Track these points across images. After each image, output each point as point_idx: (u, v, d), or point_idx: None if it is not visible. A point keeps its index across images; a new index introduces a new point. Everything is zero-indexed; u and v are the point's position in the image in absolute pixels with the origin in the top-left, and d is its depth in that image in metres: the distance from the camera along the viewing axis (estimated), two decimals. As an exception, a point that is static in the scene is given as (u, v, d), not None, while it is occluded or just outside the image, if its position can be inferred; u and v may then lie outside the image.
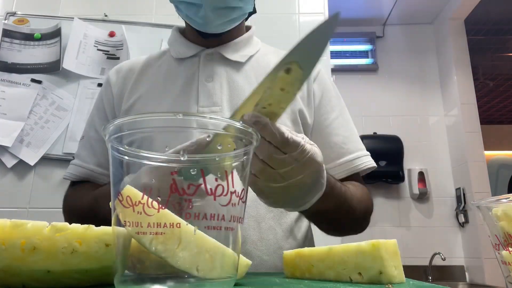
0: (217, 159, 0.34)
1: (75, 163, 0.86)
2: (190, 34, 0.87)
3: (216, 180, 0.32)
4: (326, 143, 0.82)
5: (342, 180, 0.78)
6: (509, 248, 0.38)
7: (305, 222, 0.83)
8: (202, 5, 0.74)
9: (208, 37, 0.83)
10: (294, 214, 0.81)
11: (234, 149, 0.35)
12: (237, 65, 0.85)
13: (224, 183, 0.32)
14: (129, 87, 0.85)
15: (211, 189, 0.31)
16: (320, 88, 0.87)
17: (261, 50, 0.90)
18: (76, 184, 0.88)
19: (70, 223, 0.34)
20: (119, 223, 0.31)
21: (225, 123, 0.34)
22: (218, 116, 0.33)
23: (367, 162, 0.82)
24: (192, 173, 0.32)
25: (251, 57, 0.87)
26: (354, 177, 0.82)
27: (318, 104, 0.85)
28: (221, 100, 0.80)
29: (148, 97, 0.82)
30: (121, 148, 0.33)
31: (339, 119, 0.85)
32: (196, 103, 0.79)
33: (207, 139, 0.35)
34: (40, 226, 0.33)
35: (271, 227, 0.75)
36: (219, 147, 0.35)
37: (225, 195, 0.32)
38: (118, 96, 0.85)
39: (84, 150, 0.85)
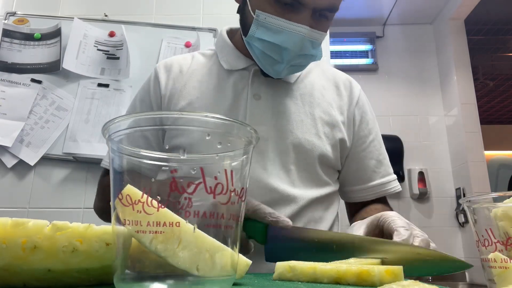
0: (216, 157, 0.34)
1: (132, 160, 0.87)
2: (240, 43, 0.85)
3: (216, 178, 0.32)
4: (361, 165, 0.88)
5: (372, 201, 0.87)
6: (509, 248, 0.39)
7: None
8: (282, 63, 0.76)
9: None
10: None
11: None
12: (285, 85, 0.86)
13: (224, 182, 0.32)
14: (178, 91, 0.85)
15: (210, 187, 0.31)
16: (359, 112, 0.90)
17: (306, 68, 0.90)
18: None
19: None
20: (119, 222, 0.31)
21: (225, 122, 0.34)
22: (217, 115, 0.33)
23: (395, 186, 0.89)
24: (192, 172, 0.32)
25: (298, 77, 0.88)
26: (381, 198, 0.89)
27: (358, 128, 0.89)
28: (268, 121, 0.82)
29: (198, 106, 0.82)
30: (122, 147, 0.33)
31: (375, 142, 0.90)
32: (244, 119, 0.80)
33: (207, 138, 0.35)
34: (41, 225, 0.33)
35: None
36: (218, 146, 0.35)
37: (225, 193, 0.32)
38: (167, 97, 0.85)
39: None
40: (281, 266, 0.49)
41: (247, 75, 0.84)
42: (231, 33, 0.92)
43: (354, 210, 0.90)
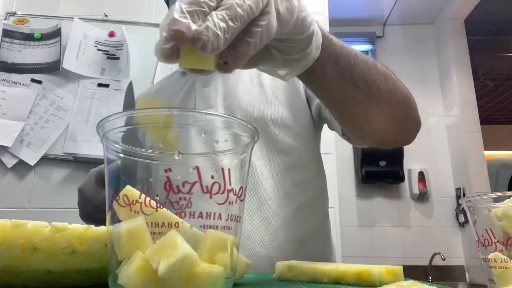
0: (213, 155, 0.33)
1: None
2: None
3: (213, 177, 0.31)
4: None
5: None
6: (509, 248, 0.39)
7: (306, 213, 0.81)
8: None
9: None
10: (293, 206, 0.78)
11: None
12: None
13: (221, 181, 0.31)
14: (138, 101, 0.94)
15: (206, 187, 0.31)
16: None
17: None
18: None
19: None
20: (114, 223, 0.31)
21: (223, 118, 0.33)
22: (215, 112, 0.32)
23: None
24: (191, 171, 0.31)
25: None
26: None
27: None
28: (216, 102, 0.82)
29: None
30: (116, 145, 0.33)
31: None
32: (194, 108, 0.82)
33: (202, 136, 0.34)
34: (40, 226, 0.33)
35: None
36: (215, 144, 0.34)
37: (222, 193, 0.31)
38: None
39: None
40: (281, 266, 0.48)
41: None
42: None
43: None
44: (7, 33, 1.66)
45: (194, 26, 0.33)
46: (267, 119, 0.79)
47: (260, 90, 0.83)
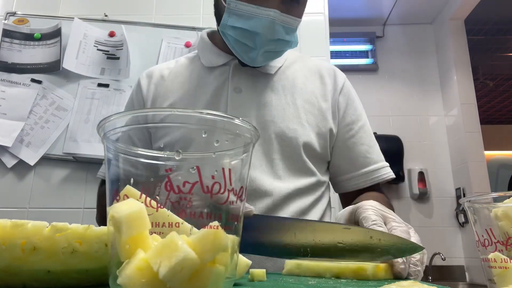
0: (213, 155, 0.33)
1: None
2: (220, 41, 0.87)
3: (213, 177, 0.31)
4: (351, 152, 0.86)
5: (365, 189, 0.84)
6: (509, 248, 0.39)
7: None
8: (256, 49, 0.77)
9: None
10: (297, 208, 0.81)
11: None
12: (266, 77, 0.86)
13: (222, 181, 0.31)
14: (161, 95, 0.87)
15: (207, 186, 0.31)
16: (344, 99, 0.89)
17: (288, 59, 0.91)
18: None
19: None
20: None
21: (223, 119, 0.33)
22: (214, 112, 0.32)
23: (388, 173, 0.87)
24: (191, 171, 0.31)
25: (279, 68, 0.88)
26: (374, 186, 0.86)
27: (343, 115, 0.88)
28: (249, 112, 0.82)
29: (180, 106, 0.83)
30: (117, 145, 0.33)
31: (364, 128, 0.89)
32: (225, 113, 0.81)
33: (203, 135, 0.34)
34: (40, 226, 0.33)
35: None
36: (216, 144, 0.34)
37: (222, 193, 0.31)
38: (149, 101, 0.87)
39: None
40: (290, 264, 0.56)
41: (228, 70, 0.86)
42: (212, 34, 0.94)
43: (349, 200, 0.87)
44: (7, 33, 1.66)
45: None
46: (299, 140, 0.81)
47: (294, 109, 0.84)
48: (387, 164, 0.88)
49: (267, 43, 0.76)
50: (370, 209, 0.59)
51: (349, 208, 0.66)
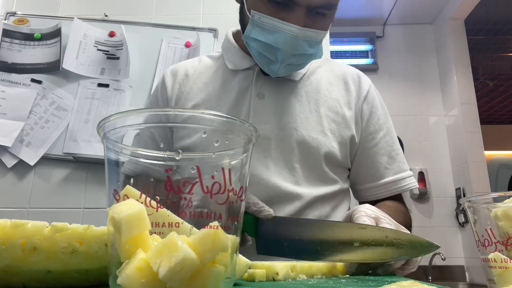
0: (213, 155, 0.33)
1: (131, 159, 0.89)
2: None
3: (213, 177, 0.31)
4: (372, 162, 0.86)
5: (385, 198, 0.84)
6: (509, 248, 0.39)
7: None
8: (277, 62, 0.76)
9: None
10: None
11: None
12: (290, 83, 0.86)
13: (221, 181, 0.31)
14: (185, 93, 0.86)
15: (207, 187, 0.31)
16: (368, 107, 0.88)
17: (313, 63, 0.90)
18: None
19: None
20: None
21: (223, 119, 0.33)
22: (213, 112, 0.32)
23: (410, 183, 0.86)
24: (192, 171, 0.31)
25: (304, 74, 0.87)
26: (395, 196, 0.86)
27: (366, 123, 0.87)
28: (271, 118, 0.81)
29: (204, 107, 0.83)
30: (117, 145, 0.33)
31: (386, 138, 0.88)
32: (247, 118, 0.80)
33: (203, 136, 0.34)
34: (40, 226, 0.33)
35: None
36: (216, 144, 0.34)
37: (222, 193, 0.31)
38: (173, 99, 0.87)
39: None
40: (285, 267, 0.54)
41: (252, 75, 0.85)
42: (237, 34, 0.92)
43: None
44: (7, 33, 1.66)
45: None
46: (321, 151, 0.80)
47: (317, 118, 0.83)
48: (410, 173, 0.87)
49: (289, 58, 0.75)
50: (364, 211, 0.61)
51: (347, 214, 0.67)
